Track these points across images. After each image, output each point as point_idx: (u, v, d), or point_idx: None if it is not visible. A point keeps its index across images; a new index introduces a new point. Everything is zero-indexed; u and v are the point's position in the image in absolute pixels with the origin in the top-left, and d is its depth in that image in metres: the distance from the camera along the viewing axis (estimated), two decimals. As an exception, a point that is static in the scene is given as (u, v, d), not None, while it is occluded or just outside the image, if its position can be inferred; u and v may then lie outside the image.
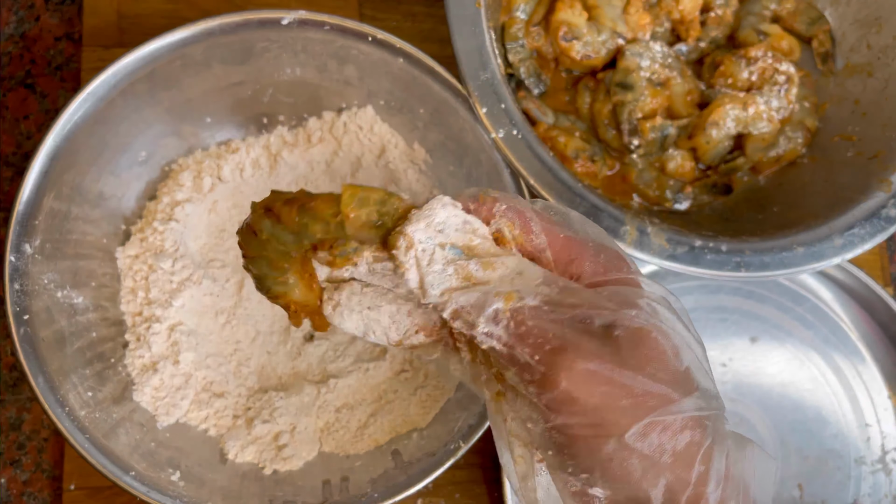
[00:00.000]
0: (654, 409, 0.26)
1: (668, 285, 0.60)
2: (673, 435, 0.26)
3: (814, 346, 0.61)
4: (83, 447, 0.42)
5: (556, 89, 0.57)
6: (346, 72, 0.49)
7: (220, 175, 0.50)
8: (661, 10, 0.56)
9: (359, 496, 0.46)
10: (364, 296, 0.30)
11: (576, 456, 0.26)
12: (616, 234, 0.47)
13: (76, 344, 0.45)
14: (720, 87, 0.56)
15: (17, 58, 0.56)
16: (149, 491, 0.43)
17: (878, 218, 0.50)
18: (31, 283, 0.43)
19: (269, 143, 0.51)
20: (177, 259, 0.49)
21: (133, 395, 0.47)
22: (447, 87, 0.47)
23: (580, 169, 0.54)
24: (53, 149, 0.43)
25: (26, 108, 0.56)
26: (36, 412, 0.52)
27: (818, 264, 0.49)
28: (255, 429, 0.48)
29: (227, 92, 0.49)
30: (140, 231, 0.49)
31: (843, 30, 0.59)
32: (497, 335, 0.26)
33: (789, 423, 0.60)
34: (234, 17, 0.45)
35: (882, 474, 0.61)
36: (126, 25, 0.55)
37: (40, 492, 0.51)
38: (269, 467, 0.48)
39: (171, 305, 0.48)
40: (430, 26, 0.60)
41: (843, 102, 0.57)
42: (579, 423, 0.26)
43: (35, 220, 0.43)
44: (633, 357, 0.26)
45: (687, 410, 0.26)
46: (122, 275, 0.49)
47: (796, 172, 0.57)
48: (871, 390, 0.61)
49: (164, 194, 0.50)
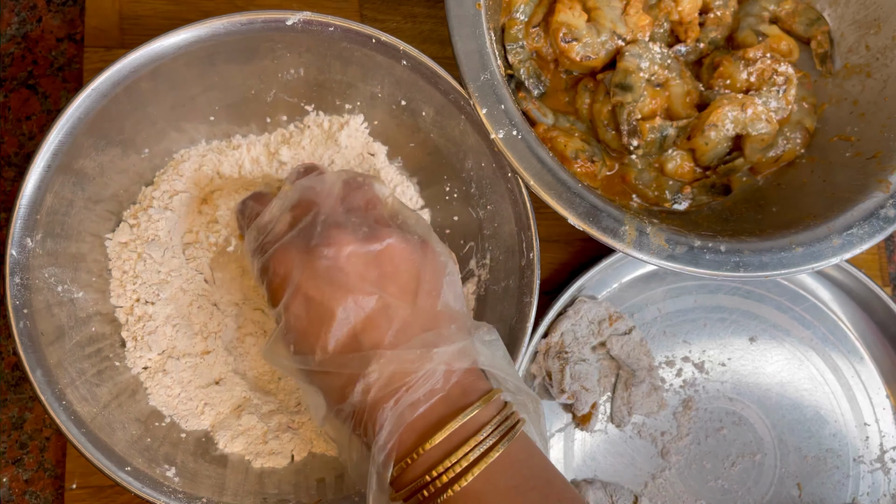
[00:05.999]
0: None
1: (668, 285, 0.60)
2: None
3: (812, 346, 0.61)
4: (79, 442, 0.42)
5: (556, 90, 0.57)
6: (350, 73, 0.49)
7: (219, 170, 0.50)
8: (660, 11, 0.56)
9: (354, 494, 0.46)
10: None
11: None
12: (615, 234, 0.47)
13: (75, 338, 0.45)
14: (719, 88, 0.56)
15: (19, 59, 0.56)
16: (144, 487, 0.43)
17: (876, 218, 0.50)
18: (31, 277, 0.43)
19: (269, 141, 0.52)
20: (167, 249, 0.49)
21: (132, 392, 0.47)
22: (449, 90, 0.48)
23: (580, 169, 0.54)
24: (57, 143, 0.43)
25: (28, 109, 0.56)
26: (38, 411, 0.52)
27: (817, 264, 0.49)
28: (243, 419, 0.48)
29: (230, 91, 0.49)
30: (133, 217, 0.49)
31: (842, 31, 0.59)
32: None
33: (788, 423, 0.60)
34: (239, 17, 0.45)
35: (880, 473, 0.61)
36: (128, 26, 0.56)
37: (42, 491, 0.51)
38: (257, 461, 0.48)
39: (159, 298, 0.48)
40: (430, 27, 0.60)
41: (841, 103, 0.58)
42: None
43: (37, 215, 0.43)
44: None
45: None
46: (111, 264, 0.49)
47: (795, 173, 0.57)
48: (870, 390, 0.62)
49: (163, 182, 0.50)
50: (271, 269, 0.37)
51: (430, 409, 0.34)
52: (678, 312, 0.60)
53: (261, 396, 0.50)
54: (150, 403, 0.48)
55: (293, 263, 0.36)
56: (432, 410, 0.34)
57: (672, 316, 0.60)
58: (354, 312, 0.35)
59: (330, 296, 0.35)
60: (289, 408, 0.50)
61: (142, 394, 0.48)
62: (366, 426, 0.35)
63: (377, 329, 0.35)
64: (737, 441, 0.59)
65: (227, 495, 0.46)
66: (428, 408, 0.34)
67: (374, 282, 0.36)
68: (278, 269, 0.37)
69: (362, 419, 0.35)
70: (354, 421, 0.35)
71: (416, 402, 0.34)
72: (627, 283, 0.60)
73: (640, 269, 0.60)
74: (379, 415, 0.34)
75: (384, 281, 0.36)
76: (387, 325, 0.35)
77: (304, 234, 0.37)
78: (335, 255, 0.36)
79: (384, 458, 0.34)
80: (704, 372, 0.59)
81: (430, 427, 0.34)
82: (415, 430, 0.34)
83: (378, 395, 0.34)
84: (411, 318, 0.36)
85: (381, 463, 0.34)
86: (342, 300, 0.35)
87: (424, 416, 0.34)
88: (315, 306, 0.35)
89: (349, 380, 0.35)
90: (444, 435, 0.33)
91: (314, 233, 0.36)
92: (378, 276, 0.36)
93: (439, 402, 0.34)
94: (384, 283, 0.36)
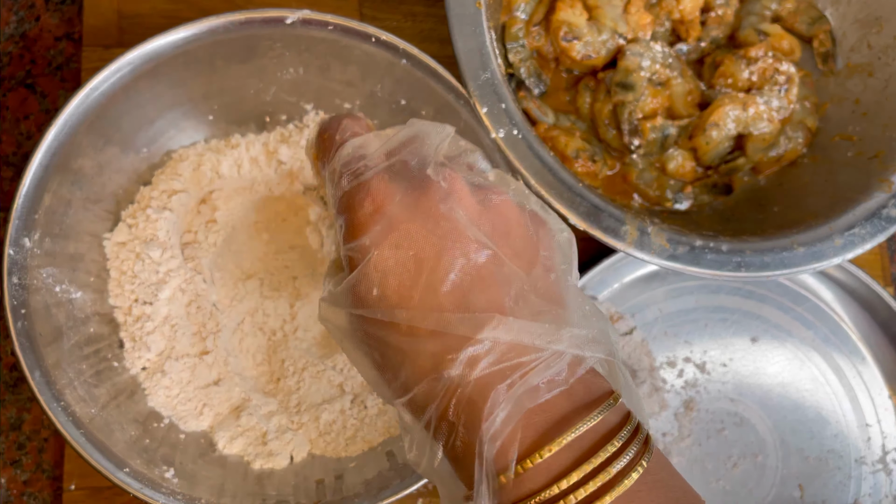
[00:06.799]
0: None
1: (669, 285, 0.60)
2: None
3: (814, 346, 0.61)
4: (78, 443, 0.42)
5: (557, 89, 0.57)
6: (349, 72, 0.49)
7: (218, 170, 0.50)
8: (661, 9, 0.56)
9: (353, 496, 0.46)
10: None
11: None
12: (616, 233, 0.47)
13: (73, 339, 0.45)
14: (720, 87, 0.56)
15: (18, 58, 0.56)
16: (142, 488, 0.43)
17: (878, 218, 0.50)
18: (29, 277, 0.43)
19: (268, 140, 0.51)
20: (165, 249, 0.49)
21: (130, 392, 0.47)
22: (449, 89, 0.47)
23: (580, 169, 0.54)
24: (55, 143, 0.43)
25: (26, 109, 0.56)
26: (36, 412, 0.52)
27: (819, 264, 0.49)
28: (242, 419, 0.48)
29: (229, 90, 0.49)
30: (132, 216, 0.49)
31: (844, 30, 0.59)
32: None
33: (790, 424, 0.60)
34: (238, 16, 0.45)
35: (882, 474, 0.61)
36: (126, 25, 0.55)
37: (40, 492, 0.51)
38: (257, 462, 0.48)
39: (157, 298, 0.48)
40: (431, 26, 0.60)
41: (843, 102, 0.57)
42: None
43: (35, 215, 0.43)
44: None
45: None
46: (108, 264, 0.48)
47: (797, 172, 0.57)
48: (872, 390, 0.61)
49: (161, 181, 0.50)
50: (363, 196, 0.30)
51: (551, 404, 0.27)
52: (679, 313, 0.60)
53: (260, 397, 0.50)
54: (148, 404, 0.48)
55: (394, 193, 0.29)
56: (553, 405, 0.27)
57: (673, 316, 0.60)
58: (465, 264, 0.28)
59: (440, 237, 0.28)
60: (288, 408, 0.50)
61: (140, 394, 0.48)
62: (463, 410, 0.27)
63: (492, 288, 0.28)
64: (738, 442, 0.59)
65: (226, 496, 0.45)
66: (548, 401, 0.27)
67: (488, 235, 0.29)
68: (375, 198, 0.29)
69: (459, 400, 0.27)
70: (441, 405, 0.27)
71: (536, 389, 0.26)
72: (628, 283, 0.59)
73: (641, 269, 0.59)
74: (492, 395, 0.26)
75: (497, 237, 0.29)
76: (504, 287, 0.28)
77: (410, 165, 0.30)
78: (449, 191, 0.29)
79: (497, 453, 0.26)
80: (706, 372, 0.59)
81: (552, 425, 0.26)
82: (533, 426, 0.26)
83: (487, 371, 0.26)
84: (529, 288, 0.29)
85: (491, 459, 0.26)
86: (453, 246, 0.28)
87: (544, 410, 0.26)
88: (417, 246, 0.28)
89: (450, 345, 0.27)
90: (572, 437, 0.26)
91: (426, 164, 0.30)
92: (491, 231, 0.29)
93: (561, 397, 0.27)
94: (498, 239, 0.29)
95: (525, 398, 0.26)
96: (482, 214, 0.29)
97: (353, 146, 0.32)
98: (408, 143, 0.31)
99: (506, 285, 0.28)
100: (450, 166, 0.31)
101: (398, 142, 0.32)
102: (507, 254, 0.29)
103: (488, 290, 0.28)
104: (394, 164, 0.30)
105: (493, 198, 0.30)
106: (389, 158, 0.31)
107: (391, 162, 0.31)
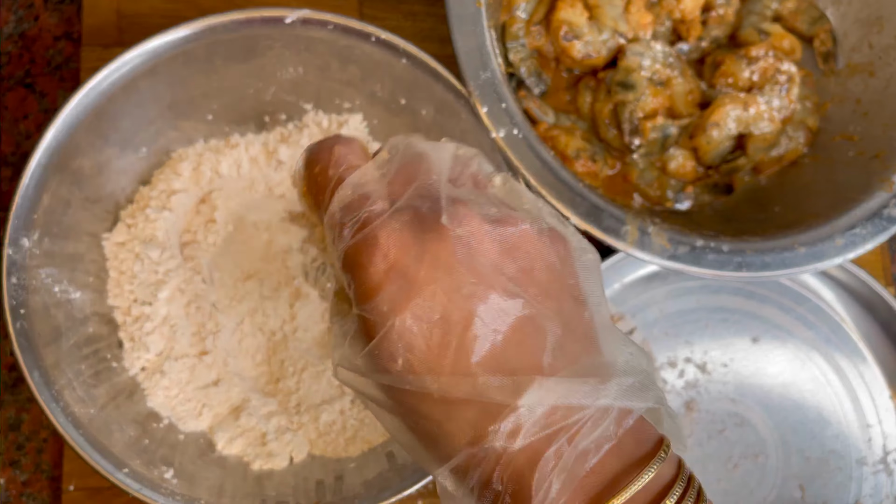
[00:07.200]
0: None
1: (670, 285, 0.60)
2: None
3: (815, 347, 0.61)
4: (77, 443, 0.42)
5: (557, 89, 0.57)
6: (349, 71, 0.49)
7: (217, 170, 0.50)
8: (662, 9, 0.56)
9: (353, 497, 0.45)
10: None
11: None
12: (617, 233, 0.47)
13: (72, 339, 0.45)
14: (721, 87, 0.56)
15: (17, 57, 0.56)
16: (141, 488, 0.43)
17: (879, 218, 0.50)
18: (28, 277, 0.43)
19: (268, 140, 0.51)
20: (165, 249, 0.48)
21: (129, 393, 0.47)
22: (449, 89, 0.47)
23: (581, 168, 0.54)
24: (54, 143, 0.43)
25: (25, 108, 0.55)
26: (35, 413, 0.52)
27: (820, 264, 0.49)
28: (242, 420, 0.48)
29: (229, 89, 0.49)
30: (130, 216, 0.49)
31: (845, 29, 0.59)
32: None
33: (790, 424, 0.60)
34: (237, 15, 0.45)
35: (884, 475, 0.60)
36: (125, 25, 0.55)
37: (40, 493, 0.51)
38: (256, 463, 0.48)
39: (156, 298, 0.48)
40: (431, 25, 0.60)
41: (844, 102, 0.57)
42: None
43: (34, 215, 0.43)
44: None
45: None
46: (108, 264, 0.48)
47: (798, 172, 0.57)
48: (873, 391, 0.61)
49: (160, 181, 0.50)
50: (372, 252, 0.27)
51: (601, 464, 0.25)
52: (680, 313, 0.60)
53: (260, 398, 0.50)
54: (147, 404, 0.48)
55: (408, 247, 0.26)
56: (603, 465, 0.25)
57: (674, 316, 0.60)
58: (498, 318, 0.26)
59: (466, 297, 0.26)
60: (288, 409, 0.50)
61: (139, 395, 0.48)
62: (510, 479, 0.25)
63: (528, 344, 0.26)
64: (739, 442, 0.59)
65: (225, 497, 0.45)
66: (598, 461, 0.25)
67: (514, 279, 0.27)
68: (386, 254, 0.26)
69: (504, 468, 0.25)
70: (484, 474, 0.25)
71: (585, 453, 0.25)
72: (629, 284, 0.59)
73: (642, 270, 0.59)
74: (539, 465, 0.24)
75: (523, 278, 0.27)
76: (540, 340, 0.26)
77: (418, 208, 0.27)
78: (468, 236, 0.26)
79: None
80: (707, 373, 0.59)
81: (604, 489, 0.25)
82: (583, 491, 0.25)
83: (532, 439, 0.25)
84: (564, 334, 0.27)
85: None
86: (481, 300, 0.26)
87: (595, 473, 0.25)
88: (443, 308, 0.26)
89: (489, 414, 0.25)
90: (625, 497, 0.25)
91: (437, 207, 0.27)
92: (516, 272, 0.27)
93: (611, 454, 0.25)
94: (523, 281, 0.27)
95: (576, 466, 0.25)
96: (504, 256, 0.27)
97: (353, 186, 0.29)
98: (410, 172, 0.29)
99: (541, 337, 0.26)
100: (462, 200, 0.28)
101: (398, 171, 0.29)
102: (535, 294, 0.27)
103: (522, 347, 0.26)
104: (401, 207, 0.28)
105: (511, 231, 0.27)
106: (393, 198, 0.28)
107: (398, 206, 0.28)
